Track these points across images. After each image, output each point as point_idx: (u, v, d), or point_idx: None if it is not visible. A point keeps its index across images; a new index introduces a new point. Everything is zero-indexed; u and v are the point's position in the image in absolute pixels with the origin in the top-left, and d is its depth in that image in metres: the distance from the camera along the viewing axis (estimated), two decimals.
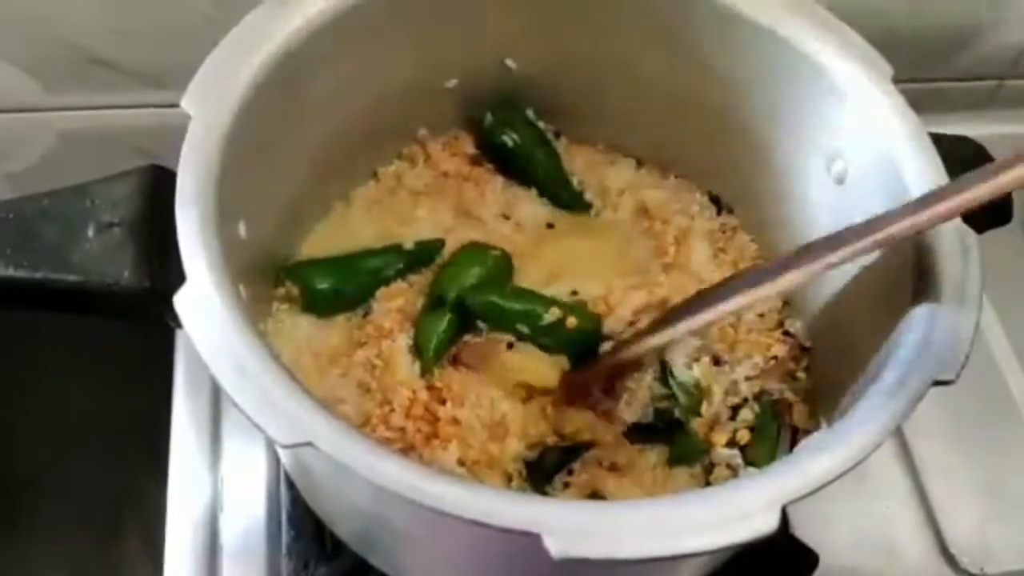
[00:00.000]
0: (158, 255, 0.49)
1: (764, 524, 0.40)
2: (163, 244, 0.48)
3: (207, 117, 0.50)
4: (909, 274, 0.51)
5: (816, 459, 0.43)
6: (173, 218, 0.47)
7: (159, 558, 0.65)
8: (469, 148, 0.71)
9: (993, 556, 0.68)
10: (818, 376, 0.63)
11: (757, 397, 0.62)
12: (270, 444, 0.68)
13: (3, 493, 0.80)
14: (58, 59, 0.75)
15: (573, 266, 0.67)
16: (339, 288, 0.63)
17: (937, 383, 0.46)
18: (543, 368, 0.62)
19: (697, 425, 0.61)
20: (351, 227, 0.68)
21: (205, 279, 0.45)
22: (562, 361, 0.62)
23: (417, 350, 0.61)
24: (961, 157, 0.55)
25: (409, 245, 0.66)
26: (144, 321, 0.50)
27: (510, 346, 0.62)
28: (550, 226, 0.69)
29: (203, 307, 0.44)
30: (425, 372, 0.60)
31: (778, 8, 0.58)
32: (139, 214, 0.50)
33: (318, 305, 0.63)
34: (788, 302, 0.67)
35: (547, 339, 0.62)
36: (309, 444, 0.41)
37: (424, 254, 0.66)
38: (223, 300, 0.45)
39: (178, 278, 0.45)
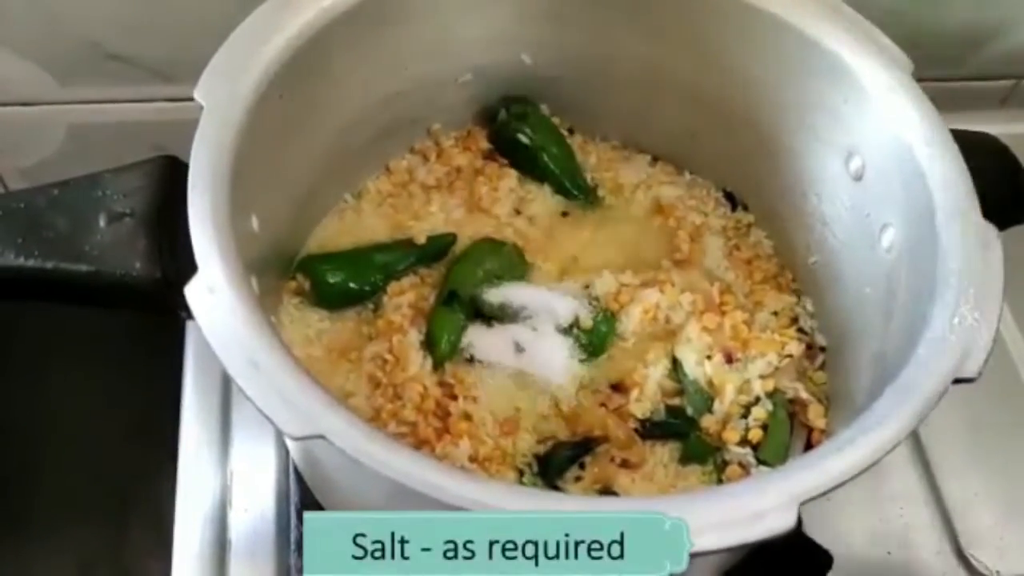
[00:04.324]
0: (169, 246, 0.49)
1: (780, 522, 0.40)
2: (175, 235, 0.48)
3: (219, 108, 0.50)
4: (928, 271, 0.50)
5: (833, 458, 0.43)
6: (185, 209, 0.47)
7: (168, 553, 0.65)
8: (482, 143, 0.71)
9: (1009, 558, 0.67)
10: (833, 375, 0.63)
11: (771, 395, 0.61)
12: (280, 439, 0.68)
13: (12, 487, 0.80)
14: (72, 54, 0.75)
15: (585, 262, 0.66)
16: (350, 282, 0.63)
17: (958, 381, 0.45)
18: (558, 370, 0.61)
19: (709, 423, 0.60)
20: (363, 221, 0.68)
21: (217, 270, 0.45)
22: (576, 365, 0.62)
23: (429, 345, 0.61)
24: (983, 154, 0.55)
25: (421, 239, 0.65)
26: (155, 313, 0.50)
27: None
28: (564, 215, 0.69)
29: (214, 298, 0.44)
30: (437, 367, 0.60)
31: (800, 4, 0.58)
32: (151, 205, 0.50)
33: (329, 299, 0.63)
34: (803, 300, 0.66)
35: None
36: (321, 437, 0.41)
37: (436, 248, 0.66)
38: (235, 291, 0.44)
39: (190, 269, 0.45)
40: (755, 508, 0.40)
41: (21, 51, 0.75)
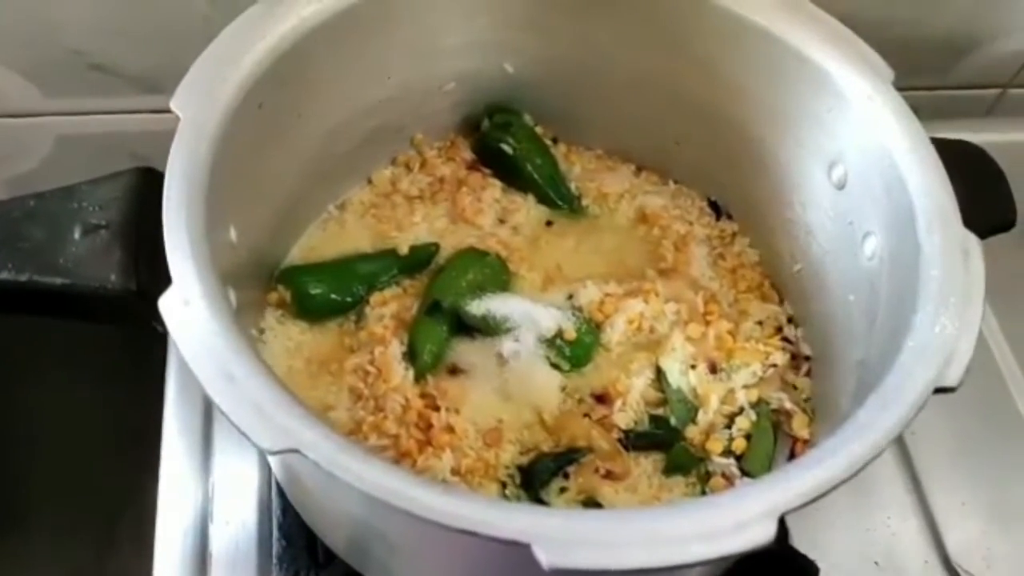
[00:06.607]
0: (145, 258, 0.49)
1: (761, 534, 0.40)
2: (151, 247, 0.47)
3: (197, 118, 0.50)
4: (910, 279, 0.50)
5: (814, 468, 0.42)
6: (161, 220, 0.46)
7: (150, 565, 0.65)
8: (466, 153, 0.71)
9: (995, 568, 0.67)
10: (818, 383, 0.63)
11: (755, 405, 0.61)
12: (261, 453, 0.67)
13: None
14: (56, 64, 0.75)
15: (569, 272, 0.66)
16: (332, 293, 0.62)
17: (939, 390, 0.45)
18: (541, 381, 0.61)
19: (693, 433, 0.60)
20: (345, 232, 0.67)
21: (191, 282, 0.44)
22: (559, 376, 0.61)
23: (411, 356, 0.60)
24: (963, 160, 0.55)
25: (404, 250, 0.65)
26: (131, 325, 0.50)
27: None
28: (548, 224, 0.69)
29: (189, 310, 0.43)
30: (419, 379, 0.60)
31: (782, 13, 0.58)
32: (127, 216, 0.49)
33: (311, 311, 0.62)
34: (787, 308, 0.66)
35: (545, 350, 0.61)
36: (295, 451, 0.40)
37: (419, 259, 0.65)
38: (210, 304, 0.44)
39: (166, 281, 0.44)
40: (736, 519, 0.40)
41: (5, 62, 0.75)
